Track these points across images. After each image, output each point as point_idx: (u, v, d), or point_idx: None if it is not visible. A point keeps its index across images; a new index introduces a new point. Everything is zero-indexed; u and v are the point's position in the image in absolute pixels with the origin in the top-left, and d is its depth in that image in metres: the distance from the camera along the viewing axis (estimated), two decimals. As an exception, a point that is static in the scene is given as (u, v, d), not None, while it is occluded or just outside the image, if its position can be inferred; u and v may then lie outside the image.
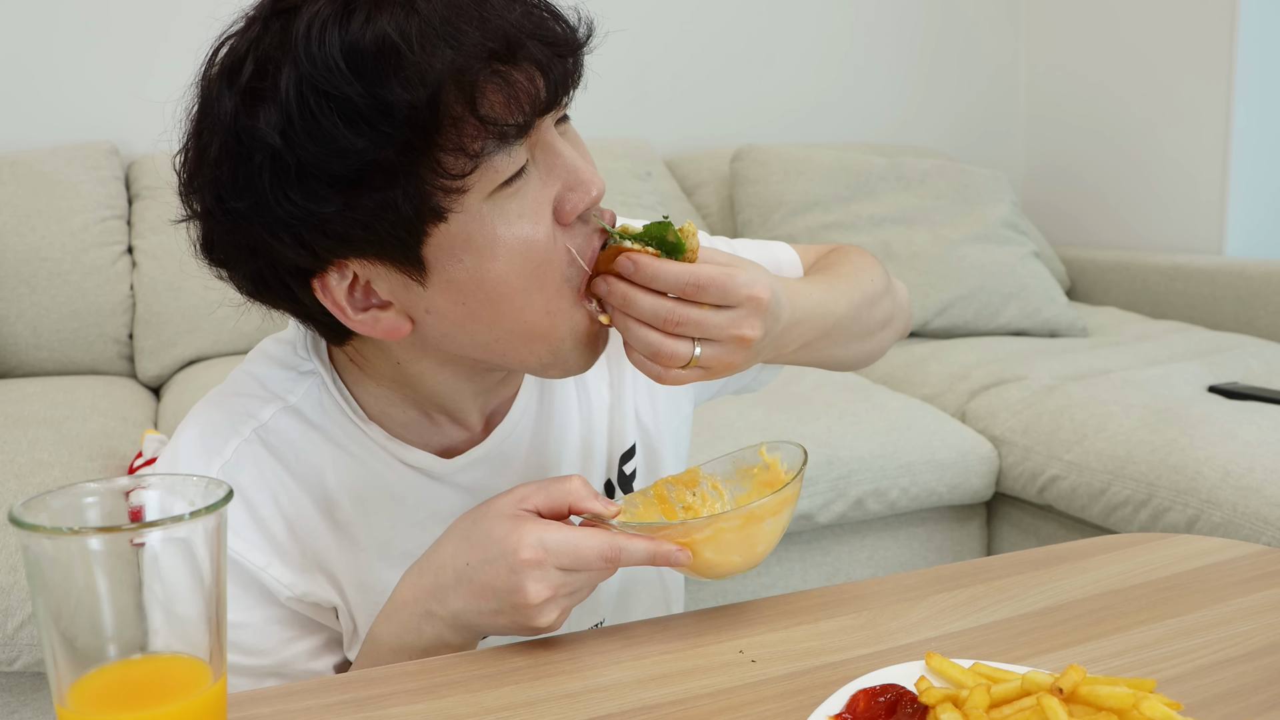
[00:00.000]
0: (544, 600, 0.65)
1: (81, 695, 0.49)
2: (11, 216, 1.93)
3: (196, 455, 0.72)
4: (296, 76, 0.59)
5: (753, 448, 0.76)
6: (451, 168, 0.60)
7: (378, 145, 0.58)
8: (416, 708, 0.61)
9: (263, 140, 0.59)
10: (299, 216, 0.61)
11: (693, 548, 0.67)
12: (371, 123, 0.58)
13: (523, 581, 0.64)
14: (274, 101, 0.59)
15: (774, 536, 0.70)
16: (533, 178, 0.65)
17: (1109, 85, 2.99)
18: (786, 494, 0.68)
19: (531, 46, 0.61)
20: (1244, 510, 1.48)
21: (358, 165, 0.59)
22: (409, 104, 0.58)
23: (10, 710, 1.31)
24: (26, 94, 2.14)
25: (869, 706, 0.58)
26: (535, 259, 0.65)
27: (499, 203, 0.63)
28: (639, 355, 0.69)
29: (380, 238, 0.62)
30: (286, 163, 0.59)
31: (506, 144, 0.62)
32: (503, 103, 0.61)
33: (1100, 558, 0.85)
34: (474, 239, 0.63)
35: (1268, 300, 2.37)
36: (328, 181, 0.59)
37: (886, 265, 2.36)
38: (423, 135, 0.59)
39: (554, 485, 0.68)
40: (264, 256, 0.65)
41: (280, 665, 0.75)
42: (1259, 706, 0.61)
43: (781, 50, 2.88)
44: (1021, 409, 1.87)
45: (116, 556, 0.49)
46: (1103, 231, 3.03)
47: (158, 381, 2.03)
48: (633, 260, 0.66)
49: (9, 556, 1.25)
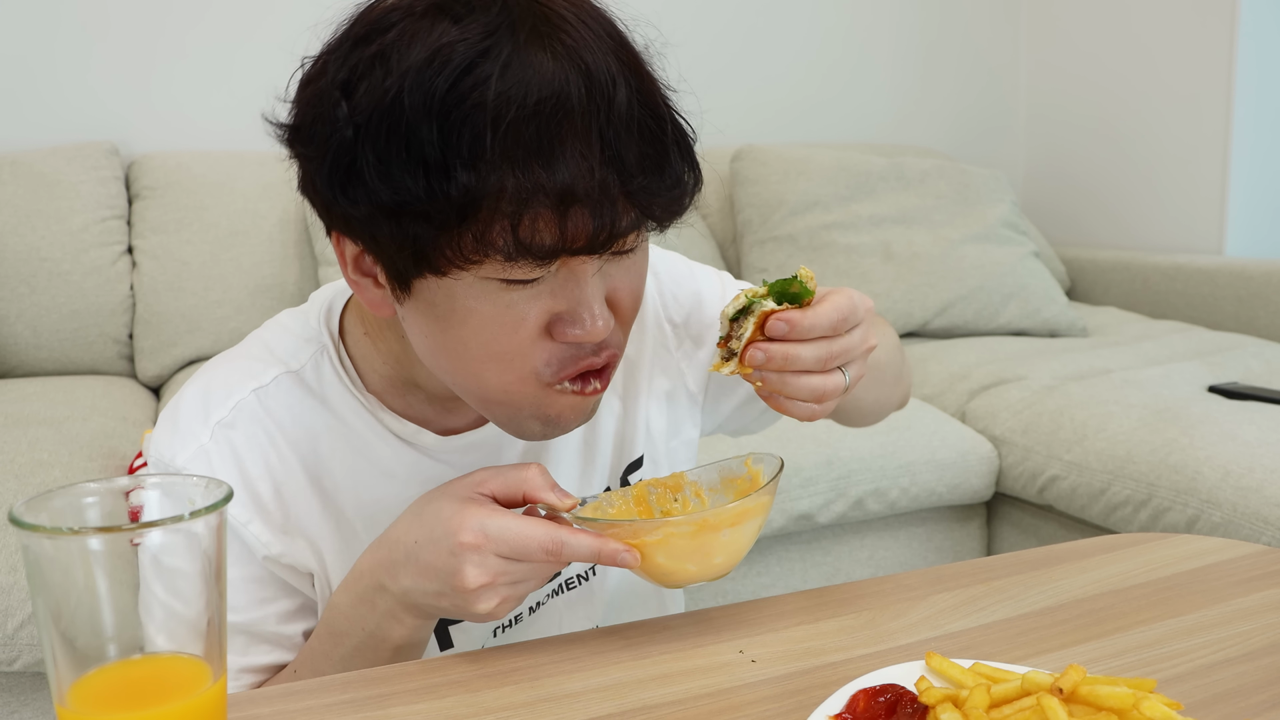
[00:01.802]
0: (480, 586, 0.64)
1: (81, 695, 0.49)
2: (11, 216, 1.93)
3: (197, 410, 0.74)
4: (396, 85, 0.59)
5: (739, 458, 0.74)
6: (467, 250, 0.61)
7: (420, 197, 0.59)
8: (416, 708, 0.61)
9: (342, 123, 0.61)
10: (333, 194, 0.63)
11: (643, 551, 0.65)
12: (426, 177, 0.59)
13: (461, 565, 0.63)
14: (371, 91, 0.60)
15: (734, 548, 0.67)
16: (539, 290, 0.64)
17: (1109, 85, 2.99)
18: (746, 506, 0.65)
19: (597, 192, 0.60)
20: (1244, 510, 1.48)
21: (395, 198, 0.60)
22: (464, 187, 0.59)
23: (10, 710, 1.31)
24: (27, 94, 2.14)
25: (869, 706, 0.58)
26: (500, 350, 0.65)
27: (493, 290, 0.63)
28: (797, 407, 0.72)
29: (383, 251, 0.64)
30: (345, 157, 0.61)
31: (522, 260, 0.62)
32: (544, 230, 0.61)
33: (1100, 558, 0.85)
34: (457, 301, 0.64)
35: (1268, 300, 2.37)
36: (365, 190, 0.61)
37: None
38: (458, 214, 0.60)
39: (511, 472, 0.67)
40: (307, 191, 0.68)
41: (251, 624, 0.75)
42: (1259, 706, 0.61)
43: (781, 50, 2.88)
44: (1021, 409, 1.87)
45: (116, 556, 0.49)
46: (1103, 231, 3.03)
47: (158, 381, 2.03)
48: (785, 321, 0.69)
49: (9, 556, 1.25)
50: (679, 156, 0.66)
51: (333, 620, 0.72)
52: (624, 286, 0.69)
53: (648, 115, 0.63)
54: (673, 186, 0.66)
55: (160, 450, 0.74)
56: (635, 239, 0.67)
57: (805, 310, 0.69)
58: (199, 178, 2.09)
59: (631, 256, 0.69)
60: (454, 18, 0.60)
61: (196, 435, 0.73)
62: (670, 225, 0.69)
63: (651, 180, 0.63)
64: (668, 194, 0.65)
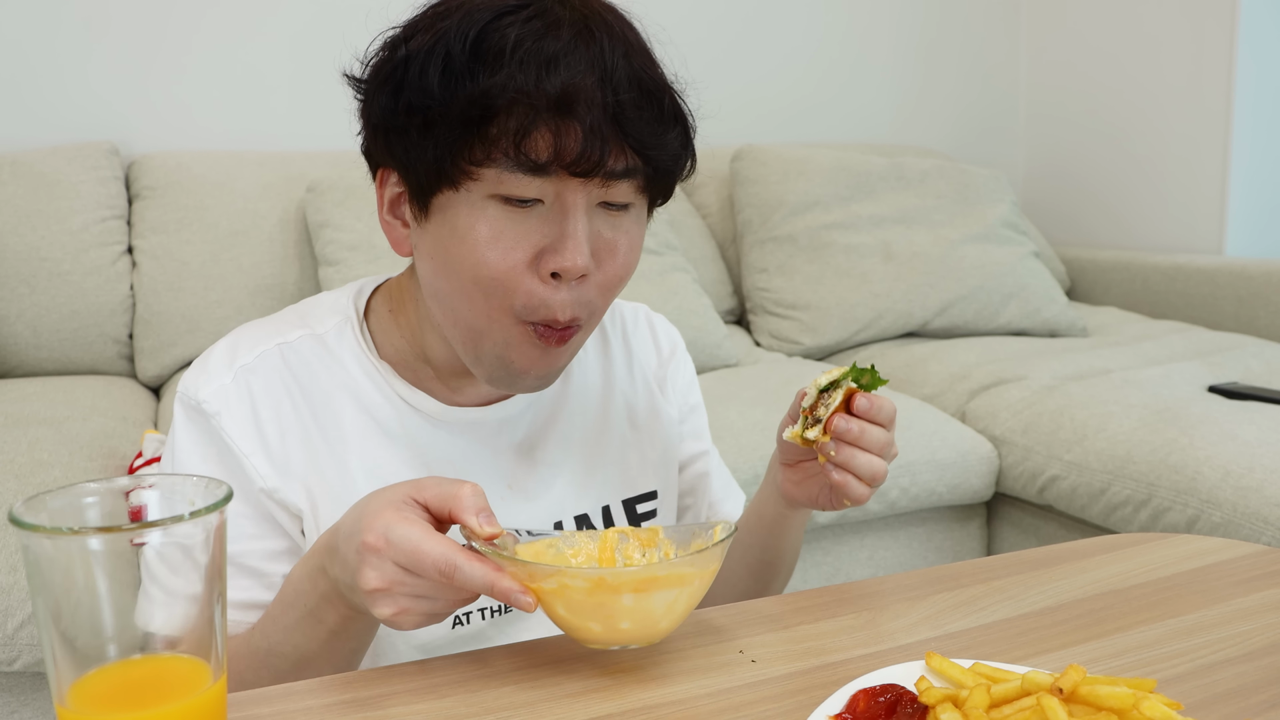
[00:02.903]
0: (375, 589, 0.63)
1: (81, 695, 0.49)
2: (11, 216, 1.93)
3: (225, 355, 0.82)
4: (447, 27, 0.72)
5: (711, 525, 0.70)
6: (474, 153, 0.71)
7: (442, 102, 0.70)
8: (416, 708, 0.61)
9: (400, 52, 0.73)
10: (380, 116, 0.75)
11: (540, 596, 0.62)
12: (451, 85, 0.70)
13: (361, 564, 0.64)
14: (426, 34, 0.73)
15: (642, 616, 0.62)
16: (531, 217, 0.73)
17: (1109, 85, 2.99)
18: (653, 573, 0.60)
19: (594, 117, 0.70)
20: (1244, 510, 1.48)
21: (424, 105, 0.71)
22: (481, 90, 0.69)
23: (10, 710, 1.31)
24: (27, 94, 2.14)
25: (869, 706, 0.58)
26: (489, 274, 0.73)
27: (492, 209, 0.72)
28: (854, 483, 0.77)
29: (411, 168, 0.74)
30: (397, 74, 0.73)
31: (522, 172, 0.71)
32: (540, 141, 0.70)
33: (1100, 558, 0.85)
34: (460, 219, 0.73)
35: (1268, 300, 2.37)
36: (405, 102, 0.72)
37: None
38: (471, 118, 0.70)
39: (448, 486, 0.66)
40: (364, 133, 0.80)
41: (236, 555, 0.79)
42: (1259, 706, 0.61)
43: (781, 50, 2.88)
44: (1021, 409, 1.87)
45: (116, 556, 0.49)
46: (1103, 231, 3.03)
47: (158, 381, 2.03)
48: (867, 398, 0.78)
49: (9, 556, 1.25)
50: (675, 123, 0.75)
51: (286, 588, 0.73)
52: (611, 244, 0.76)
53: (649, 81, 0.73)
54: (665, 142, 0.74)
55: (186, 385, 0.81)
56: (629, 192, 0.75)
57: (878, 396, 0.78)
58: (199, 178, 2.09)
59: (621, 217, 0.76)
60: None
61: (220, 376, 0.81)
62: (662, 194, 0.79)
63: (646, 129, 0.72)
64: (659, 145, 0.73)
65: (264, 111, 2.32)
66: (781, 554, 0.94)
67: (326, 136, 2.35)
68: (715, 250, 2.53)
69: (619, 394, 0.94)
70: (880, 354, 2.26)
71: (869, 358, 2.27)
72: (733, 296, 2.51)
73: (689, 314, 2.11)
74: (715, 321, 2.17)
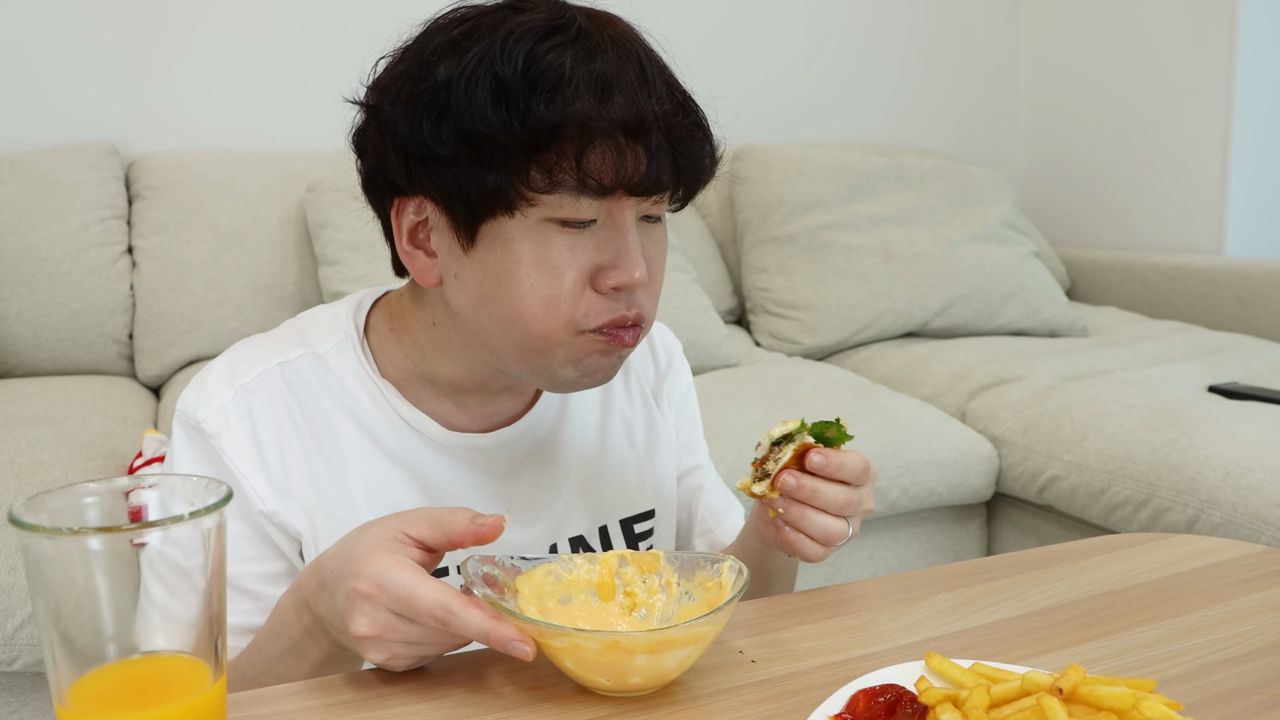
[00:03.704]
0: (367, 636, 0.62)
1: (81, 695, 0.49)
2: (11, 216, 1.93)
3: (224, 374, 0.81)
4: (485, 49, 0.70)
5: (718, 559, 0.69)
6: (534, 181, 0.70)
7: (501, 130, 0.69)
8: (416, 708, 0.61)
9: (435, 76, 0.72)
10: (419, 144, 0.72)
11: (548, 650, 0.61)
12: (508, 112, 0.69)
13: (352, 610, 0.62)
14: (461, 57, 0.71)
15: (653, 672, 0.61)
16: (585, 236, 0.73)
17: (1109, 85, 2.99)
18: (670, 636, 0.59)
19: (657, 139, 0.71)
20: (1244, 510, 1.48)
21: (479, 133, 0.70)
22: (539, 118, 0.69)
23: (10, 710, 1.31)
24: (27, 94, 2.14)
25: (869, 707, 0.58)
26: (547, 293, 0.73)
27: (550, 232, 0.72)
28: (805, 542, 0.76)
29: (458, 196, 0.72)
30: (439, 100, 0.71)
31: (584, 194, 0.71)
32: (602, 164, 0.70)
33: (1100, 558, 0.85)
34: (515, 245, 0.72)
35: (1268, 300, 2.37)
36: (453, 131, 0.71)
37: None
38: (532, 144, 0.69)
39: (439, 514, 0.66)
40: (381, 161, 0.76)
41: (233, 577, 0.78)
42: (1259, 706, 0.61)
43: (781, 50, 2.88)
44: (1021, 409, 1.87)
45: (116, 556, 0.49)
46: (1103, 231, 3.03)
47: (158, 381, 2.03)
48: (824, 455, 0.74)
49: (9, 556, 1.25)
50: (707, 136, 0.76)
51: (273, 618, 0.72)
52: (652, 255, 0.77)
53: (684, 98, 0.75)
54: (703, 156, 0.75)
55: (185, 404, 0.80)
56: (664, 204, 0.77)
57: (839, 452, 0.75)
58: (199, 178, 2.09)
59: (657, 228, 0.78)
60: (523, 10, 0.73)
61: (219, 395, 0.79)
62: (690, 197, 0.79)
63: (693, 146, 0.74)
64: (699, 160, 0.75)
65: (264, 111, 2.32)
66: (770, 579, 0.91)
67: (326, 136, 2.34)
68: (715, 250, 2.53)
69: (617, 412, 0.93)
70: (880, 354, 2.26)
71: (869, 357, 2.27)
72: (732, 296, 2.51)
73: (689, 314, 2.11)
74: (715, 321, 2.17)
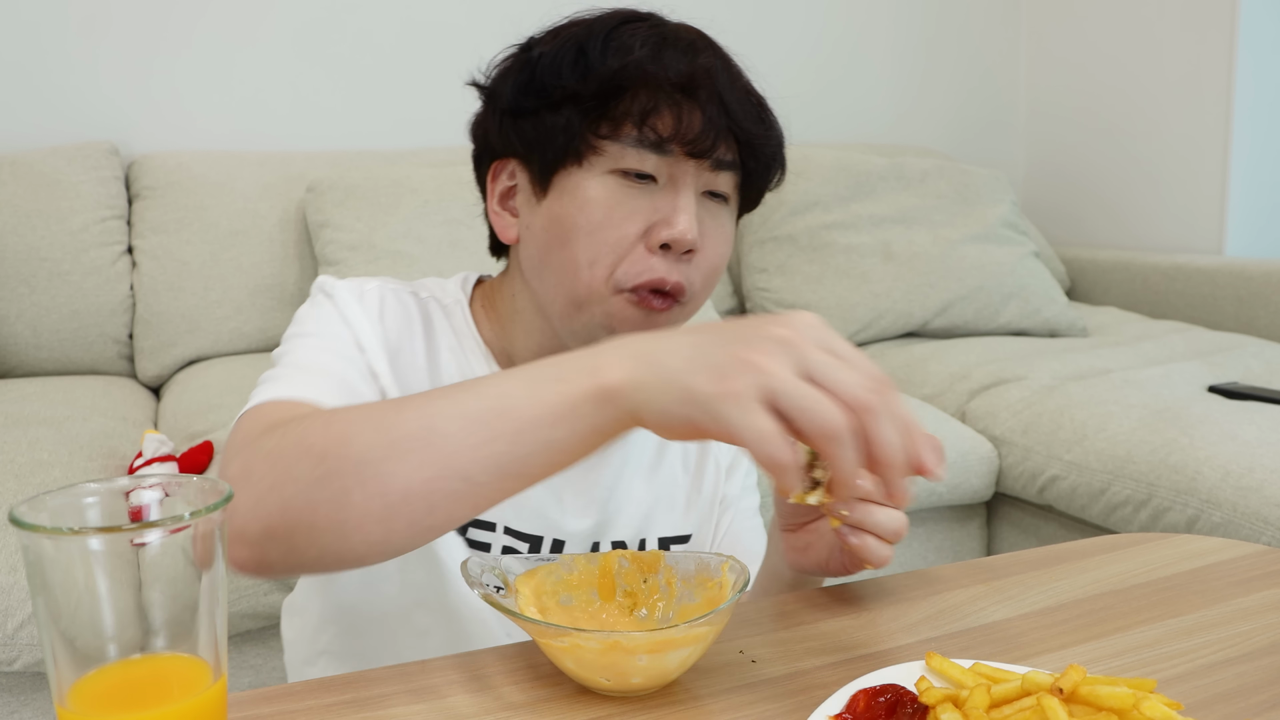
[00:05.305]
0: (767, 361, 0.52)
1: (81, 696, 0.49)
2: (11, 216, 1.93)
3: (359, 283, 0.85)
4: (577, 31, 0.81)
5: (722, 557, 0.68)
6: (600, 128, 0.78)
7: (576, 80, 0.78)
8: (417, 708, 0.61)
9: (529, 53, 0.82)
10: (509, 101, 0.82)
11: (549, 650, 0.61)
12: (584, 70, 0.78)
13: (764, 335, 0.53)
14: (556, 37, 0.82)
15: (654, 673, 0.60)
16: (645, 193, 0.79)
17: (1109, 84, 2.99)
18: (671, 636, 0.58)
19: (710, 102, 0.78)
20: (1244, 510, 1.48)
21: (555, 85, 0.79)
22: (611, 71, 0.77)
23: (10, 710, 1.31)
24: (26, 94, 2.14)
25: (869, 707, 0.58)
26: (602, 239, 0.78)
27: (613, 183, 0.78)
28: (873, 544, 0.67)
29: (536, 146, 0.81)
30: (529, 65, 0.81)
31: (644, 147, 0.78)
32: (664, 120, 0.77)
33: (1100, 558, 0.85)
34: (581, 191, 0.79)
35: (1268, 300, 2.37)
36: (536, 87, 0.80)
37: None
38: (598, 96, 0.78)
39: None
40: (484, 130, 0.86)
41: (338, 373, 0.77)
42: (1259, 707, 0.61)
43: (780, 49, 2.88)
44: (1021, 409, 1.87)
45: (117, 556, 0.48)
46: (1103, 231, 3.03)
47: (158, 381, 2.03)
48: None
49: (9, 556, 1.25)
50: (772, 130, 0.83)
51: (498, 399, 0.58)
52: (710, 230, 0.81)
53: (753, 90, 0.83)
54: (766, 143, 0.82)
55: (325, 279, 0.84)
56: (729, 184, 0.82)
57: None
58: (199, 178, 2.09)
59: (720, 209, 0.83)
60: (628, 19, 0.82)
61: (365, 282, 0.85)
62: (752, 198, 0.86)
63: (752, 128, 0.80)
64: (761, 145, 0.81)
65: (264, 111, 2.31)
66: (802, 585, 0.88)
67: (326, 136, 2.35)
68: (715, 250, 2.53)
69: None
70: (880, 354, 2.26)
71: (869, 357, 2.27)
72: (733, 296, 2.51)
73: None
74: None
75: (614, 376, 0.56)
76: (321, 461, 0.59)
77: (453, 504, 0.58)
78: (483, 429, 0.57)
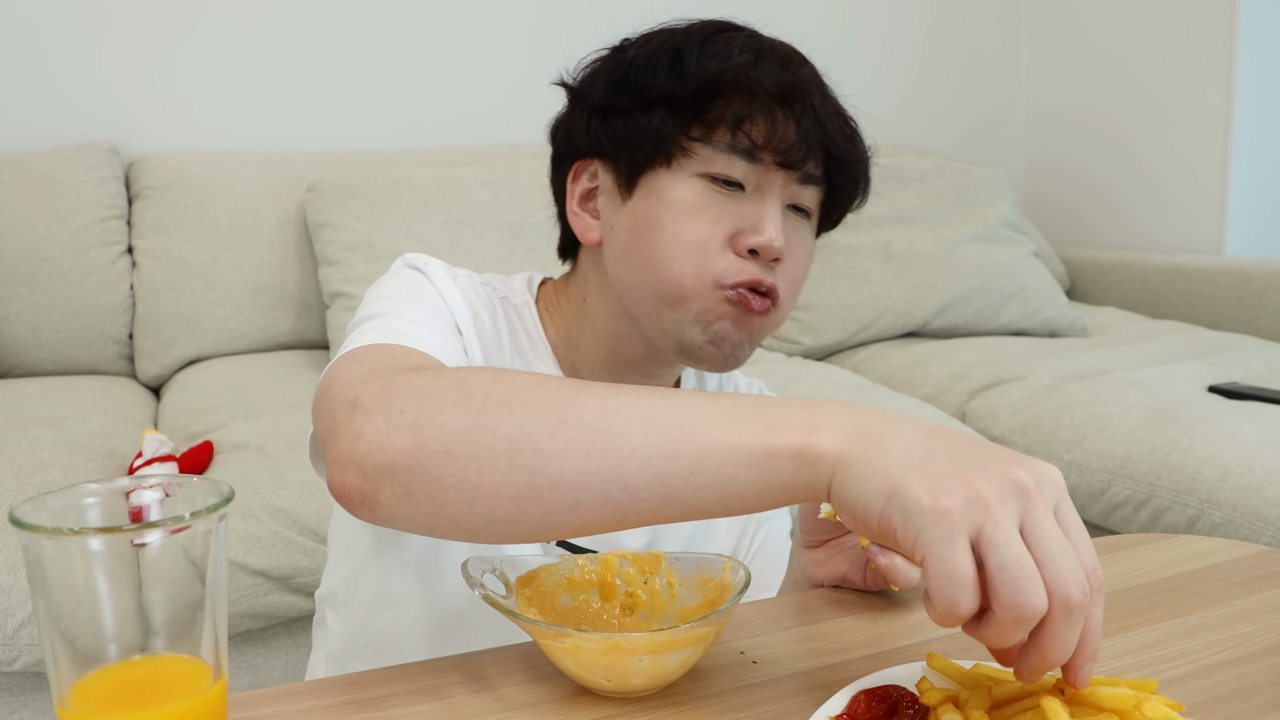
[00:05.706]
0: (995, 500, 0.46)
1: (82, 696, 0.49)
2: (11, 216, 1.93)
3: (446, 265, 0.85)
4: (671, 35, 0.81)
5: (723, 559, 0.68)
6: (692, 130, 0.78)
7: (673, 84, 0.78)
8: (417, 708, 0.61)
9: (622, 54, 0.82)
10: (600, 100, 0.82)
11: (549, 651, 0.60)
12: (680, 72, 0.78)
13: (1000, 471, 0.48)
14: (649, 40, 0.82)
15: (657, 673, 0.60)
16: (732, 200, 0.79)
17: (1109, 84, 2.99)
18: (672, 637, 0.57)
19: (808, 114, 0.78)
20: (1244, 510, 1.48)
21: (650, 85, 0.79)
22: (703, 74, 0.77)
23: (10, 710, 1.31)
24: (27, 94, 2.14)
25: (870, 707, 0.58)
26: (692, 239, 0.78)
27: (701, 187, 0.78)
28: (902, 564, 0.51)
29: (625, 146, 0.80)
30: (622, 71, 0.81)
31: (735, 154, 0.77)
32: (758, 127, 0.77)
33: (1101, 558, 0.84)
34: (668, 193, 0.79)
35: (1268, 300, 2.37)
36: (630, 86, 0.80)
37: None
38: (694, 99, 0.78)
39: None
40: (569, 130, 0.86)
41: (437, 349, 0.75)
42: (1261, 707, 0.61)
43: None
44: (1021, 409, 1.87)
45: (117, 557, 0.48)
46: (1103, 231, 3.03)
47: (158, 381, 2.03)
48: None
49: (9, 556, 1.25)
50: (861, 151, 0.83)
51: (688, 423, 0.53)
52: (794, 244, 0.82)
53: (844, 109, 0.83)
54: (853, 162, 0.81)
55: (413, 255, 0.84)
56: (813, 200, 0.83)
57: None
58: (199, 178, 2.09)
59: (804, 225, 0.83)
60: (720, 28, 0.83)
61: (460, 271, 0.85)
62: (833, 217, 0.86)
63: (843, 145, 0.80)
64: (848, 164, 0.81)
65: (264, 111, 2.32)
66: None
67: (326, 136, 2.35)
68: (715, 250, 2.53)
69: None
70: (880, 354, 2.26)
71: (869, 357, 2.27)
72: (733, 296, 2.51)
73: (689, 314, 2.11)
74: (715, 321, 2.16)
75: (828, 442, 0.51)
76: (478, 415, 0.54)
77: (600, 508, 0.54)
78: (665, 443, 0.52)
